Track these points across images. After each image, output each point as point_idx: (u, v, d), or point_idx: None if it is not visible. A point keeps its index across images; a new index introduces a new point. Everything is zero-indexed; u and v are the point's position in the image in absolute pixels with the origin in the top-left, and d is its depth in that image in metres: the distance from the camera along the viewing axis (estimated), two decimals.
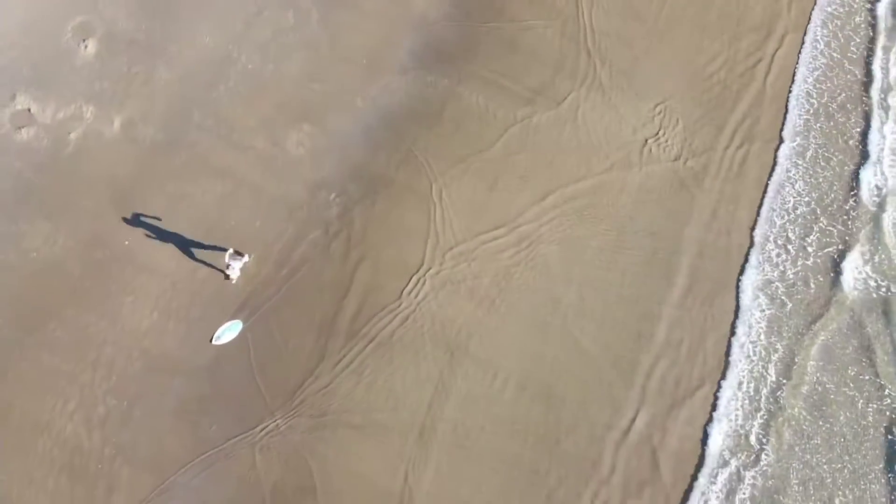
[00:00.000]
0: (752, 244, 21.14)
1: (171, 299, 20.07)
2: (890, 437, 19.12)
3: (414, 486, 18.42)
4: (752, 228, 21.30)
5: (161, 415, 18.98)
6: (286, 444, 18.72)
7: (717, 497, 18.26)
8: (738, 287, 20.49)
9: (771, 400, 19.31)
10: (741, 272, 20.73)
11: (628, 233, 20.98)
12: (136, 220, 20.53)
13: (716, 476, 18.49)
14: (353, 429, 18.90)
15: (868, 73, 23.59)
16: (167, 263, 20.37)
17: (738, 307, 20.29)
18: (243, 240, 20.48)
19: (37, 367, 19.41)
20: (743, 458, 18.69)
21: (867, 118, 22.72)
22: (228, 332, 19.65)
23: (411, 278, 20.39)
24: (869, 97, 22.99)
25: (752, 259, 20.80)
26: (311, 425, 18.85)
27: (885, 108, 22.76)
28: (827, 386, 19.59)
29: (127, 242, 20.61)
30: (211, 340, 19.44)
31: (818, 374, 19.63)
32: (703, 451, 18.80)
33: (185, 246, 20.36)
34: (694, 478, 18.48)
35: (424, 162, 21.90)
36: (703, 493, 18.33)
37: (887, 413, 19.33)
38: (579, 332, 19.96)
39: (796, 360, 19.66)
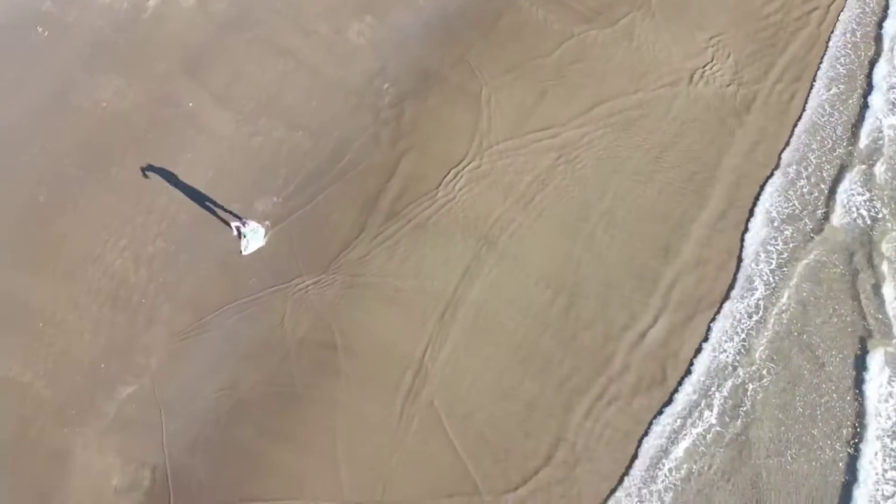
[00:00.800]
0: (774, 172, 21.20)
1: (227, 161, 21.21)
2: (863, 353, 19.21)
3: (432, 358, 19.09)
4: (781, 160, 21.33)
5: (205, 262, 20.00)
6: (317, 301, 19.57)
7: (721, 401, 18.60)
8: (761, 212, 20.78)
9: (774, 322, 19.53)
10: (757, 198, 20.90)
11: (670, 153, 21.17)
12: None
13: (722, 382, 18.77)
14: (381, 298, 19.70)
15: None
16: (226, 127, 21.43)
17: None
18: (298, 116, 21.48)
19: (95, 204, 20.66)
20: (747, 371, 18.79)
21: None
22: (254, 240, 19.77)
23: (452, 170, 21.01)
24: None
25: (774, 185, 20.94)
26: (343, 288, 19.67)
27: None
28: (811, 307, 19.59)
29: (191, 104, 21.67)
30: (241, 252, 19.69)
31: (804, 295, 19.64)
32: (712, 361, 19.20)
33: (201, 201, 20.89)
34: (705, 386, 19.07)
35: (477, 67, 22.41)
36: (708, 396, 18.72)
37: (859, 334, 19.27)
38: (609, 240, 20.34)
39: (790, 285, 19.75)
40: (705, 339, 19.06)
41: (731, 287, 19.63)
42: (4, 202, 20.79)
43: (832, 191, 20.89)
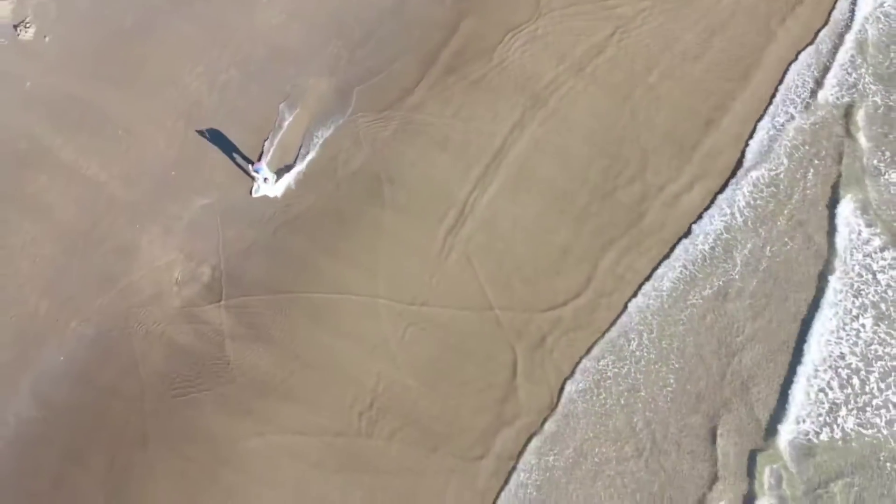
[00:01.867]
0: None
1: (300, 4, 22.15)
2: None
3: (475, 200, 19.85)
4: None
5: (274, 94, 21.02)
6: (373, 138, 20.48)
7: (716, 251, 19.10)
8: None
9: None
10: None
11: (719, 37, 21.46)
12: None
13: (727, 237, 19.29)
14: (432, 142, 20.50)
15: None
16: None
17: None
18: None
19: (177, 33, 21.74)
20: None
21: None
22: (267, 186, 19.97)
23: (510, 32, 21.56)
24: None
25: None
26: (398, 130, 20.58)
27: None
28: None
29: None
30: (251, 192, 20.02)
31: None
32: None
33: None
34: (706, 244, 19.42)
35: None
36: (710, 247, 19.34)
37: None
38: (654, 110, 20.77)
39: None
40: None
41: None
42: (95, 24, 21.97)
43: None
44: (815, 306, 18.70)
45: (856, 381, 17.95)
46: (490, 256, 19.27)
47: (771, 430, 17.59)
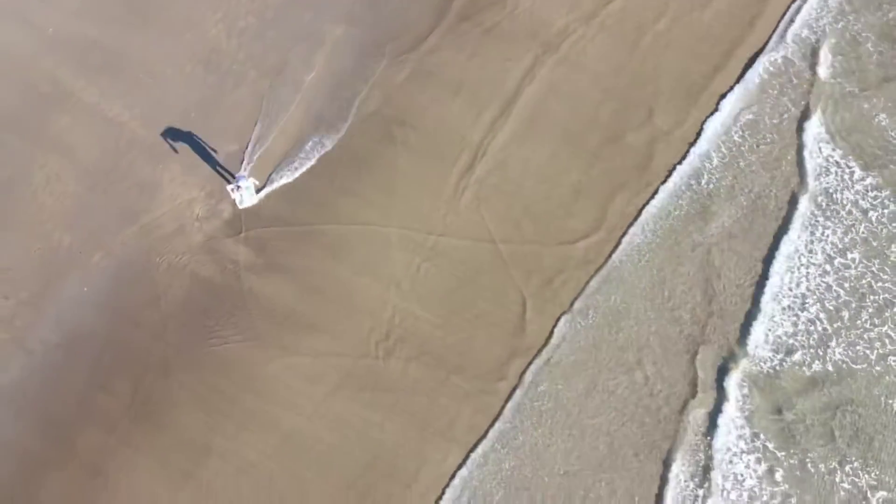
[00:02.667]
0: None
1: None
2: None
3: (488, 143, 19.97)
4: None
5: (291, 40, 21.13)
6: (388, 82, 20.62)
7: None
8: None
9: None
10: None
11: None
12: None
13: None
14: (446, 87, 20.61)
15: None
16: None
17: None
18: None
19: None
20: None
21: None
22: (248, 195, 19.42)
23: None
24: None
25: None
26: (412, 74, 20.73)
27: None
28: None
29: None
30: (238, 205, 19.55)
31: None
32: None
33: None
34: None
35: None
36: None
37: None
38: (663, 56, 20.73)
39: None
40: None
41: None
42: None
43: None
44: (784, 230, 18.88)
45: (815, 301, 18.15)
46: (502, 197, 19.40)
47: (743, 351, 17.70)
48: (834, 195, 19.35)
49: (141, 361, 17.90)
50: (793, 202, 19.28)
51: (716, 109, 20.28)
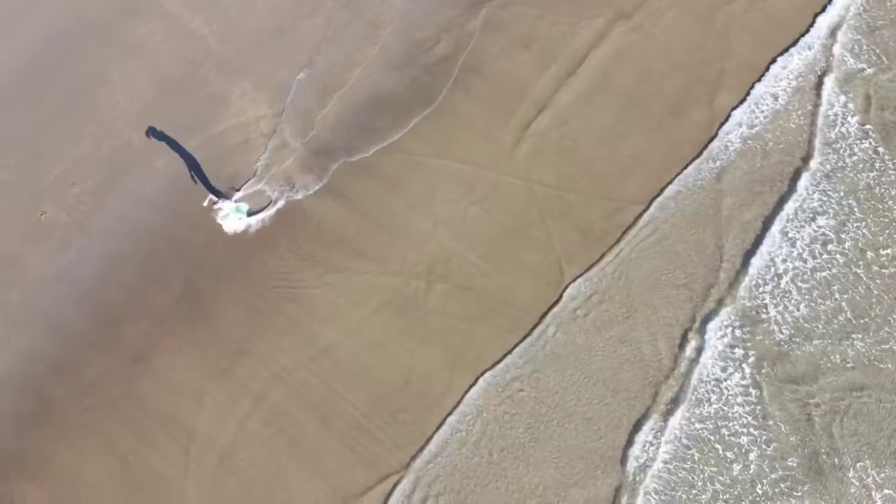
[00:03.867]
0: None
1: None
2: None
3: (553, 99, 19.74)
4: None
5: None
6: (463, 28, 20.62)
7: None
8: None
9: None
10: None
11: None
12: None
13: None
14: (518, 39, 20.54)
15: None
16: None
17: None
18: None
19: None
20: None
21: None
22: (235, 213, 18.82)
23: None
24: None
25: None
26: (485, 22, 20.76)
27: None
28: None
29: None
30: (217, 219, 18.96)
31: None
32: None
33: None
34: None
35: None
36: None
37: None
38: (736, 37, 20.31)
39: None
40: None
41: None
42: None
43: None
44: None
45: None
46: (561, 153, 19.20)
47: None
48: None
49: (194, 261, 18.18)
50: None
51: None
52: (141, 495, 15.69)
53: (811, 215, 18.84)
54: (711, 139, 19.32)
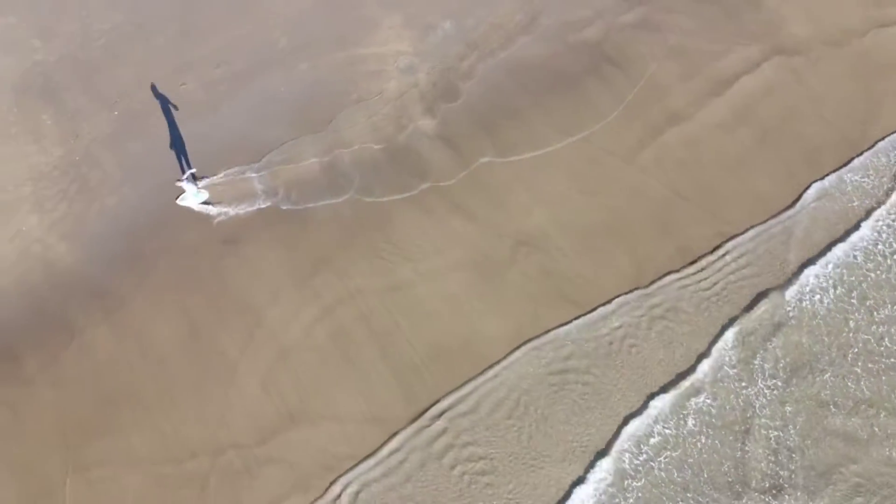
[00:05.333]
0: None
1: None
2: None
3: (690, 113, 19.10)
4: None
5: None
6: (616, 19, 20.39)
7: None
8: None
9: None
10: None
11: None
12: None
13: None
14: (668, 46, 19.99)
15: None
16: None
17: None
18: None
19: None
20: None
21: None
22: (195, 196, 18.20)
23: None
24: None
25: None
26: (640, 21, 20.44)
27: None
28: None
29: None
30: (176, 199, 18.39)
31: None
32: None
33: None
34: None
35: None
36: None
37: None
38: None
39: None
40: None
41: None
42: None
43: None
44: None
45: None
46: (682, 168, 18.43)
47: None
48: None
49: None
50: None
51: None
52: (198, 362, 16.08)
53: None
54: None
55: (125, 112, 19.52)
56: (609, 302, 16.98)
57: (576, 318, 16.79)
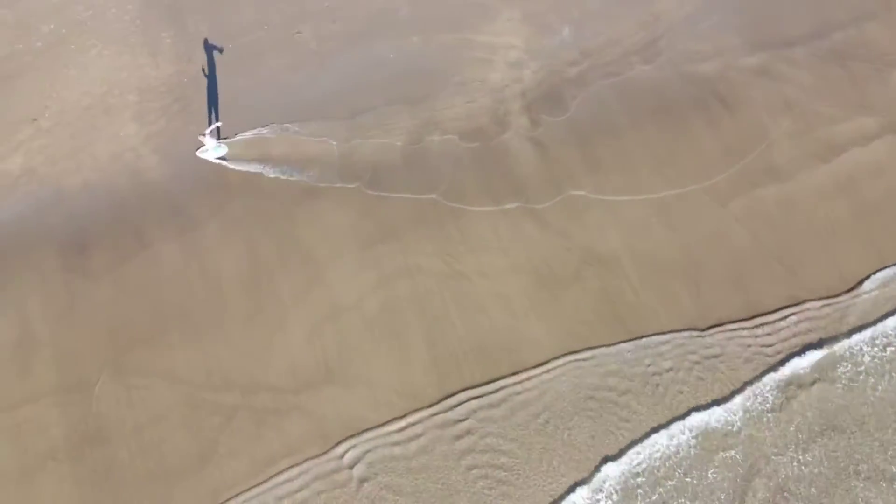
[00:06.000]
0: None
1: None
2: None
3: (792, 169, 18.44)
4: None
5: None
6: (734, 61, 19.67)
7: None
8: None
9: None
10: None
11: None
12: None
13: None
14: (781, 96, 19.30)
15: None
16: None
17: None
18: None
19: None
20: None
21: None
22: (215, 150, 18.02)
23: None
24: None
25: None
26: (761, 66, 19.72)
27: None
28: None
29: None
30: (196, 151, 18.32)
31: None
32: None
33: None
34: None
35: None
36: None
37: None
38: None
39: None
40: None
41: None
42: None
43: None
44: None
45: None
46: (771, 224, 17.74)
47: None
48: None
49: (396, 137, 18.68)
50: None
51: None
52: (253, 300, 16.31)
53: None
54: None
55: (239, 48, 19.94)
56: (661, 333, 16.64)
57: (622, 342, 16.53)
